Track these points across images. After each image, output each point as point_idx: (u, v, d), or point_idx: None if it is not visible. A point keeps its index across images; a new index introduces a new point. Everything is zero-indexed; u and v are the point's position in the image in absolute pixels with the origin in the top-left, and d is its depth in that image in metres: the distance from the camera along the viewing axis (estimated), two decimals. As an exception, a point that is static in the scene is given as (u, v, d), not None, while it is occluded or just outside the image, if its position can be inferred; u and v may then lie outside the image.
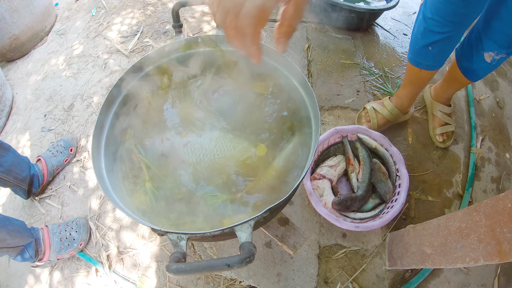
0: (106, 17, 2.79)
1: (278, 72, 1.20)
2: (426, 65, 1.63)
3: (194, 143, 1.12)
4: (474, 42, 1.55)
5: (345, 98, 2.12)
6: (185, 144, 1.11)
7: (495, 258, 0.96)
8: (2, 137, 2.26)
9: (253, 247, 0.74)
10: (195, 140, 1.13)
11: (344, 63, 2.30)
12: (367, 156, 1.69)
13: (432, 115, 2.03)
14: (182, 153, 1.10)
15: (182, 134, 1.14)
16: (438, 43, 1.51)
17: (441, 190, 1.86)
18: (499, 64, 1.54)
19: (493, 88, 2.38)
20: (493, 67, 1.55)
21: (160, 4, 2.82)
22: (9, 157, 1.66)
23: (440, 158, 1.97)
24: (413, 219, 1.75)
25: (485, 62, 1.52)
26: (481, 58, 1.52)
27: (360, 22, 2.46)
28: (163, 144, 1.11)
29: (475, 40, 1.53)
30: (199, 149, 1.11)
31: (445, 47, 1.53)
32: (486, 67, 1.56)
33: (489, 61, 1.51)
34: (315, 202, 1.50)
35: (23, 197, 1.82)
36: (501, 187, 1.92)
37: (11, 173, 1.66)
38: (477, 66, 1.59)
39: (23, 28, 2.61)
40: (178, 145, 1.10)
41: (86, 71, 2.41)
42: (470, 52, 1.58)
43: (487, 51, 1.48)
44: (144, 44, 2.49)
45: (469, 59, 1.61)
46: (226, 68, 1.28)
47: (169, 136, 1.13)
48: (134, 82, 1.17)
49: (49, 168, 1.88)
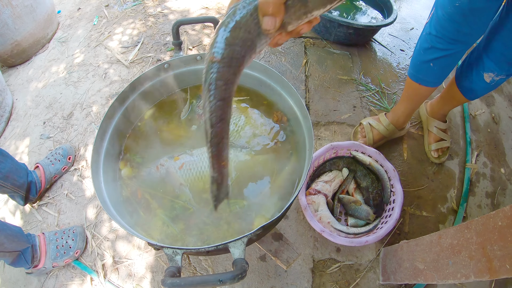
0: (108, 27, 2.81)
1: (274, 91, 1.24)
2: (426, 81, 1.65)
3: (190, 164, 1.14)
4: (474, 62, 1.57)
5: (342, 113, 2.14)
6: (180, 166, 1.13)
7: (486, 275, 0.98)
8: (0, 142, 2.26)
9: (245, 264, 0.76)
10: (189, 159, 1.15)
11: (341, 79, 2.32)
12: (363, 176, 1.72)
13: (428, 131, 2.05)
14: (179, 176, 1.12)
15: (175, 157, 1.16)
16: (440, 60, 1.54)
17: (435, 206, 1.88)
18: (498, 85, 1.57)
19: (488, 103, 2.42)
20: (492, 88, 1.58)
21: (161, 16, 2.85)
22: (7, 163, 1.67)
23: (435, 173, 1.99)
24: (407, 234, 1.76)
25: (485, 82, 1.55)
26: (480, 78, 1.55)
27: (358, 38, 2.50)
28: (159, 171, 1.13)
29: (475, 60, 1.56)
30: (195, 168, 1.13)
31: (446, 64, 1.56)
32: (485, 87, 1.59)
33: (488, 81, 1.54)
34: (309, 217, 1.51)
35: (20, 203, 1.83)
36: (495, 202, 1.94)
37: (9, 180, 1.67)
38: (476, 85, 1.61)
39: (25, 35, 2.63)
40: (174, 169, 1.12)
41: (86, 80, 2.43)
42: (470, 72, 1.61)
43: (487, 72, 1.51)
44: (145, 55, 2.52)
45: (468, 79, 1.63)
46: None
47: (163, 162, 1.15)
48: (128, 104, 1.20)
49: (47, 176, 1.89)
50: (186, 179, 1.12)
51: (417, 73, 1.66)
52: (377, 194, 1.70)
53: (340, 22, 2.29)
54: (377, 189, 1.71)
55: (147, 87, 1.28)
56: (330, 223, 1.59)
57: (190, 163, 1.14)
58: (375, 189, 1.71)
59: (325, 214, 1.61)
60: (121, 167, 1.17)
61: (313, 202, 1.66)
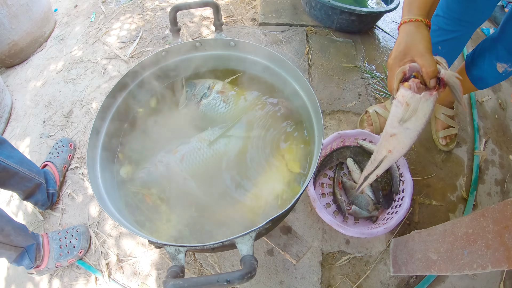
0: (105, 23, 2.77)
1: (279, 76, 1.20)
2: None
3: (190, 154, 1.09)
4: (487, 51, 1.54)
5: (347, 102, 2.10)
6: (180, 159, 1.09)
7: (504, 265, 0.94)
8: (0, 143, 2.24)
9: (254, 261, 0.71)
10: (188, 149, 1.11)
11: (345, 67, 2.28)
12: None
13: (435, 118, 2.01)
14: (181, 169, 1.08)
15: (174, 150, 1.11)
16: (448, 42, 1.54)
17: (445, 194, 1.84)
18: (510, 75, 1.53)
19: (495, 89, 2.37)
20: (504, 78, 1.55)
21: (159, 9, 2.81)
22: (17, 152, 1.64)
23: (443, 161, 1.95)
24: (417, 224, 1.72)
25: (497, 72, 1.52)
26: (493, 68, 1.52)
27: (361, 25, 2.45)
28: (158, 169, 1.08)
29: (489, 49, 1.53)
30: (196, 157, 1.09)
31: (454, 47, 1.57)
32: (496, 77, 1.56)
33: (501, 71, 1.50)
34: (319, 208, 1.47)
35: (45, 204, 1.80)
36: (505, 189, 1.91)
37: (24, 165, 1.63)
38: (487, 75, 1.58)
39: (22, 34, 2.60)
40: (175, 163, 1.08)
41: (85, 77, 2.40)
42: (482, 61, 1.57)
43: (500, 62, 1.48)
44: (144, 49, 2.48)
45: (480, 68, 1.60)
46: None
47: (161, 158, 1.11)
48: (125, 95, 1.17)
49: (58, 168, 1.89)
50: (190, 171, 1.08)
51: None
52: (386, 184, 1.66)
53: (342, 9, 2.24)
54: (385, 179, 1.67)
55: (145, 76, 1.24)
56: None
57: (191, 152, 1.10)
58: (384, 178, 1.67)
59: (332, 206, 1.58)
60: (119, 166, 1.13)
61: (322, 194, 1.62)
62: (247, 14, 2.68)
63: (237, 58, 1.31)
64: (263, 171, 1.10)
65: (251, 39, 2.43)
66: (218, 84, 1.30)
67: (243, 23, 2.59)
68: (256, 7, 2.72)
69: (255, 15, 2.65)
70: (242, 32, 2.49)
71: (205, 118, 1.23)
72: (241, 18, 2.64)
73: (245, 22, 2.59)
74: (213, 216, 1.04)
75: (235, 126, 1.18)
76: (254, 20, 2.62)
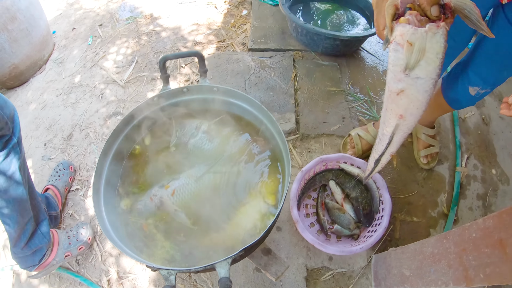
0: (102, 47, 2.90)
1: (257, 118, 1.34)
2: None
3: (180, 189, 1.22)
4: (460, 75, 1.59)
5: (331, 125, 2.20)
6: (171, 193, 1.22)
7: (462, 283, 1.05)
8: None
9: (229, 282, 0.86)
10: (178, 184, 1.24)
11: (330, 90, 2.38)
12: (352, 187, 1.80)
13: (416, 137, 2.09)
14: (172, 202, 1.20)
15: (166, 186, 1.24)
16: None
17: (426, 211, 1.93)
18: (483, 97, 1.59)
19: (478, 105, 2.46)
20: (477, 99, 1.60)
21: (154, 34, 2.93)
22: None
23: (425, 179, 2.04)
24: (398, 240, 1.82)
25: (470, 95, 1.57)
26: (465, 91, 1.57)
27: (346, 48, 2.57)
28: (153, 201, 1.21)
29: (461, 73, 1.58)
30: (185, 191, 1.22)
31: None
32: (470, 99, 1.60)
33: (473, 94, 1.55)
34: (301, 228, 1.58)
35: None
36: (487, 203, 1.99)
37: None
38: (461, 97, 1.63)
39: (22, 57, 2.71)
40: (167, 197, 1.21)
41: (84, 101, 2.51)
42: (456, 84, 1.62)
43: (472, 86, 1.53)
44: (139, 74, 2.60)
45: (454, 90, 1.65)
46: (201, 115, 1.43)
47: (155, 192, 1.23)
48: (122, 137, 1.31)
49: (60, 190, 1.99)
50: (180, 204, 1.21)
51: None
52: (367, 204, 1.76)
53: (327, 35, 2.36)
54: (366, 199, 1.77)
55: (140, 118, 1.38)
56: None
57: (180, 188, 1.23)
58: (364, 199, 1.77)
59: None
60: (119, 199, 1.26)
61: (306, 214, 1.74)
62: (238, 38, 2.80)
63: (220, 101, 1.46)
64: (242, 203, 1.23)
65: (241, 65, 2.54)
66: (204, 124, 1.44)
67: (234, 48, 2.71)
68: (246, 32, 2.84)
69: (245, 40, 2.77)
70: (232, 58, 2.60)
71: (193, 155, 1.36)
72: (232, 43, 2.76)
73: (235, 47, 2.71)
74: (200, 243, 1.17)
75: (218, 163, 1.31)
76: (244, 45, 2.74)
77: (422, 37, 0.67)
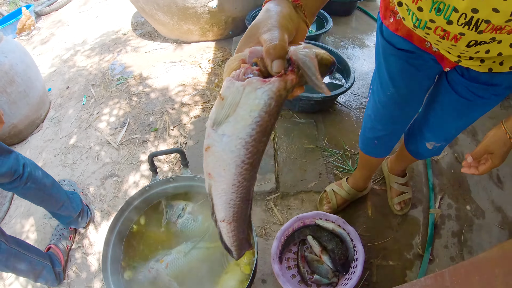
0: (96, 107, 3.14)
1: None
2: (375, 154, 1.86)
3: (172, 262, 1.47)
4: (416, 133, 1.69)
5: (309, 182, 2.36)
6: (165, 266, 1.45)
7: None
8: (5, 220, 2.51)
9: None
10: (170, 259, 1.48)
11: (307, 148, 2.55)
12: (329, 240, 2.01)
13: (390, 186, 2.25)
14: (166, 274, 1.45)
15: (161, 260, 1.48)
16: (382, 138, 1.71)
17: (401, 254, 2.03)
18: (441, 150, 1.68)
19: (451, 144, 2.58)
20: (437, 152, 1.69)
21: (144, 95, 3.19)
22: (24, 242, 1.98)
23: (399, 224, 2.15)
24: (375, 284, 1.94)
25: (428, 149, 1.66)
26: (423, 145, 1.67)
27: (321, 105, 2.79)
28: (150, 273, 1.44)
29: (417, 131, 1.68)
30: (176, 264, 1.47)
31: (389, 140, 1.73)
32: (429, 152, 1.69)
33: (430, 148, 1.64)
34: (282, 281, 1.79)
35: (54, 282, 2.09)
36: (462, 239, 2.09)
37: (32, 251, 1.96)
38: (421, 151, 1.73)
39: (21, 118, 2.93)
40: (162, 270, 1.45)
41: (81, 162, 2.73)
42: (414, 140, 1.73)
43: (428, 141, 1.63)
44: (131, 136, 2.84)
45: (413, 144, 1.76)
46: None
47: (152, 265, 1.47)
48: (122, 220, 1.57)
49: (61, 249, 2.19)
50: (173, 275, 1.45)
51: (366, 147, 1.87)
52: (342, 255, 1.93)
53: (300, 97, 2.58)
54: (341, 250, 1.95)
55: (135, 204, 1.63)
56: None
57: (172, 261, 1.48)
58: (340, 250, 1.95)
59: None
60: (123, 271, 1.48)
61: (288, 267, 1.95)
62: (221, 99, 3.02)
63: (203, 187, 1.70)
64: (223, 272, 1.47)
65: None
66: (189, 206, 1.70)
67: (217, 109, 2.92)
68: (229, 91, 3.06)
69: (228, 99, 2.99)
70: (216, 119, 2.80)
71: (181, 233, 1.63)
72: (216, 104, 2.97)
73: (219, 108, 2.92)
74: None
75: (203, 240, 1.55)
76: (227, 106, 2.95)
77: (237, 91, 0.58)
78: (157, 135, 2.82)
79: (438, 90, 1.43)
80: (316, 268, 1.95)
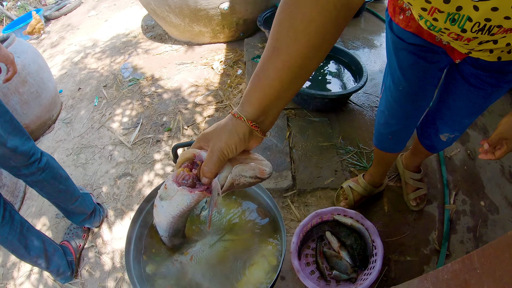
0: (108, 108, 3.12)
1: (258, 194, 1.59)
2: (390, 149, 1.89)
3: (196, 254, 1.44)
4: (430, 126, 1.73)
5: (325, 179, 2.37)
6: (190, 258, 1.42)
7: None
8: (17, 221, 2.49)
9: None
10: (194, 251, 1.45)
11: (322, 146, 2.55)
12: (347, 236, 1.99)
13: (405, 182, 2.26)
14: (191, 266, 1.41)
15: (185, 252, 1.45)
16: (396, 133, 1.74)
17: (418, 249, 2.03)
18: (454, 140, 1.72)
19: (463, 141, 2.60)
20: (451, 143, 1.76)
21: (156, 95, 3.18)
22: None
23: (415, 220, 2.15)
24: (393, 280, 1.94)
25: (442, 141, 1.74)
26: (437, 137, 1.71)
27: (334, 104, 2.81)
28: (175, 266, 1.42)
29: (430, 124, 1.72)
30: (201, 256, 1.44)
31: (403, 135, 1.77)
32: (443, 143, 1.74)
33: (445, 140, 1.71)
34: (302, 277, 1.77)
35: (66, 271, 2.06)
36: (478, 234, 2.08)
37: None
38: (435, 143, 1.77)
39: (33, 118, 2.93)
40: (186, 262, 1.42)
41: (93, 162, 2.72)
42: (428, 133, 1.77)
43: (442, 133, 1.67)
44: (145, 136, 2.83)
45: (427, 138, 1.80)
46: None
47: (176, 258, 1.44)
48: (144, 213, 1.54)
49: (74, 247, 2.17)
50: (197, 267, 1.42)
51: (380, 143, 1.90)
52: (361, 250, 1.93)
53: (316, 95, 2.59)
54: (360, 245, 1.95)
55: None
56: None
57: (197, 253, 1.44)
58: (359, 245, 1.94)
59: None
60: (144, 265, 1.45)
61: (306, 263, 1.93)
62: (235, 99, 3.04)
63: None
64: (250, 264, 1.44)
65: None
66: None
67: (231, 109, 2.94)
68: (242, 91, 3.08)
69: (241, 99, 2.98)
70: (230, 119, 2.79)
71: (205, 225, 1.57)
72: (229, 103, 3.00)
73: (233, 108, 2.95)
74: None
75: (228, 232, 1.52)
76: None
77: (173, 190, 0.87)
78: (170, 134, 2.80)
79: (449, 82, 1.48)
80: (335, 264, 1.94)
